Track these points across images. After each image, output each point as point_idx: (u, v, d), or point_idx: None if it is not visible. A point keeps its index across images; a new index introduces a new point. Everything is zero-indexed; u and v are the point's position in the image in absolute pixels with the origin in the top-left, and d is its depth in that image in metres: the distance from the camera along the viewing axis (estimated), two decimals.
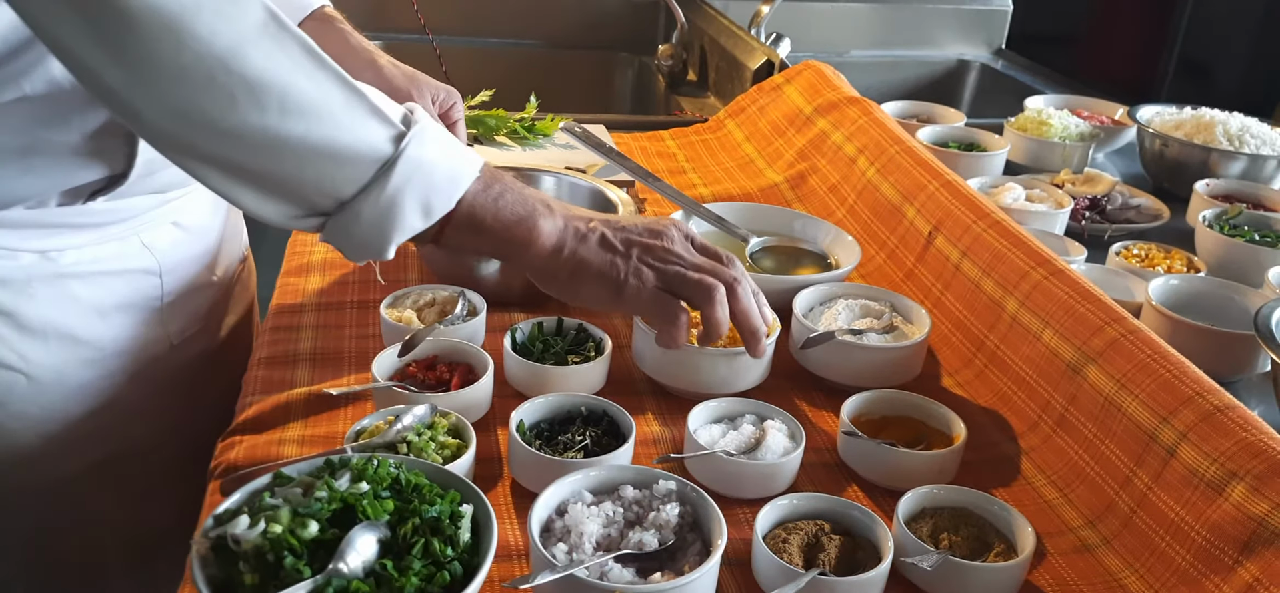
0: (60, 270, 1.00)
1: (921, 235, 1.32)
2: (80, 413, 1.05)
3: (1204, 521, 0.85)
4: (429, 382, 1.00)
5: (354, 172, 0.81)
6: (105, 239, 1.03)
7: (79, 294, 1.02)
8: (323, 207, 0.82)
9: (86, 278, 1.02)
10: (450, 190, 0.86)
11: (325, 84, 0.79)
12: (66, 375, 1.03)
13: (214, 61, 0.73)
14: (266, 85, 0.75)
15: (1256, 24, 2.93)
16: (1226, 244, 1.44)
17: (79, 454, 1.06)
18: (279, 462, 0.84)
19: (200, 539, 0.70)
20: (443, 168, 0.85)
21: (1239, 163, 1.73)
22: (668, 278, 0.93)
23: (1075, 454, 0.99)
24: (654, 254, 0.94)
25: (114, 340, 1.06)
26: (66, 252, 1.00)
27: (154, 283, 1.09)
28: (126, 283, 1.06)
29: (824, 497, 0.88)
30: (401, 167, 0.82)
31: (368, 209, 0.82)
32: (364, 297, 1.21)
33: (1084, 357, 1.02)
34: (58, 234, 0.99)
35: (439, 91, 1.24)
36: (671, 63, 2.35)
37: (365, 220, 0.82)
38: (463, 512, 0.75)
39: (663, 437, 1.01)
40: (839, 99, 1.67)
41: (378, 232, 0.83)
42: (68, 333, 1.02)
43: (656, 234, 0.95)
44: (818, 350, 1.09)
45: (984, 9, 2.71)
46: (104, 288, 1.04)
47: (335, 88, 0.79)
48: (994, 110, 2.24)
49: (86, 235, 1.01)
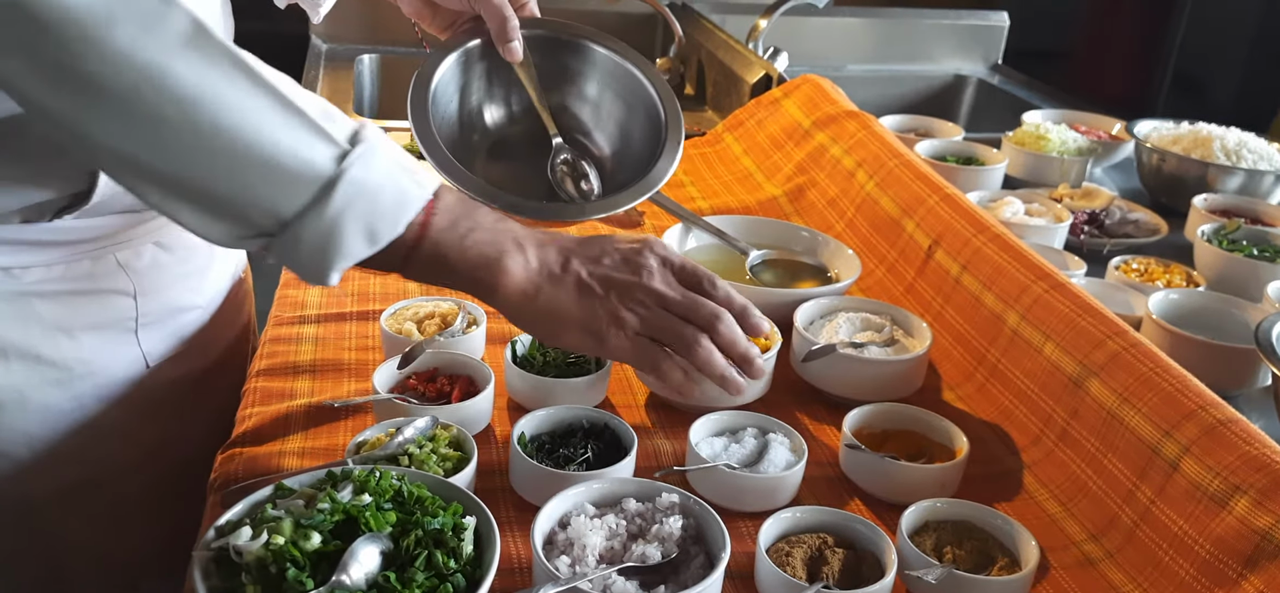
0: (23, 288, 0.97)
1: (921, 249, 1.32)
2: (46, 435, 1.02)
3: (1207, 534, 0.85)
4: (430, 394, 1.00)
5: (292, 192, 0.77)
6: (76, 257, 1.00)
7: (43, 313, 0.99)
8: (265, 227, 0.79)
9: (52, 297, 0.99)
10: (397, 215, 0.81)
11: (259, 98, 0.75)
12: (29, 396, 0.99)
13: (137, 74, 0.71)
14: (195, 100, 0.72)
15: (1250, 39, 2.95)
16: (1225, 259, 1.45)
17: (46, 477, 1.03)
18: (280, 474, 0.84)
19: (202, 551, 0.70)
20: (389, 191, 0.80)
21: (1237, 178, 1.73)
22: (649, 324, 0.88)
23: (1078, 468, 0.99)
24: (633, 296, 0.88)
25: (82, 361, 1.02)
26: (31, 269, 0.97)
27: (127, 304, 1.06)
28: (98, 303, 1.03)
29: (827, 510, 0.87)
30: (343, 188, 0.77)
31: (308, 231, 0.78)
32: (364, 308, 1.20)
33: (1086, 370, 1.02)
34: (21, 252, 0.96)
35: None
36: (669, 77, 2.36)
37: (305, 243, 0.78)
38: (466, 524, 0.75)
39: (664, 450, 1.01)
40: (838, 113, 1.67)
41: (320, 255, 0.79)
42: (30, 352, 0.98)
43: (635, 268, 0.90)
44: (819, 364, 1.09)
45: (981, 24, 2.72)
46: (71, 307, 1.01)
47: (271, 102, 0.76)
48: (991, 125, 2.25)
49: (53, 254, 0.98)
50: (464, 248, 0.85)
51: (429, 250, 0.84)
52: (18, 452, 1.01)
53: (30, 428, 1.01)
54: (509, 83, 1.23)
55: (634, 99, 1.25)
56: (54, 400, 1.02)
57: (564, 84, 1.25)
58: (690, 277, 0.92)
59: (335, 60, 2.32)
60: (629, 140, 1.24)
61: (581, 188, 1.19)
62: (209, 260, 1.18)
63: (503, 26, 1.15)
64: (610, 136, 1.26)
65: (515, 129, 1.25)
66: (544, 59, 1.22)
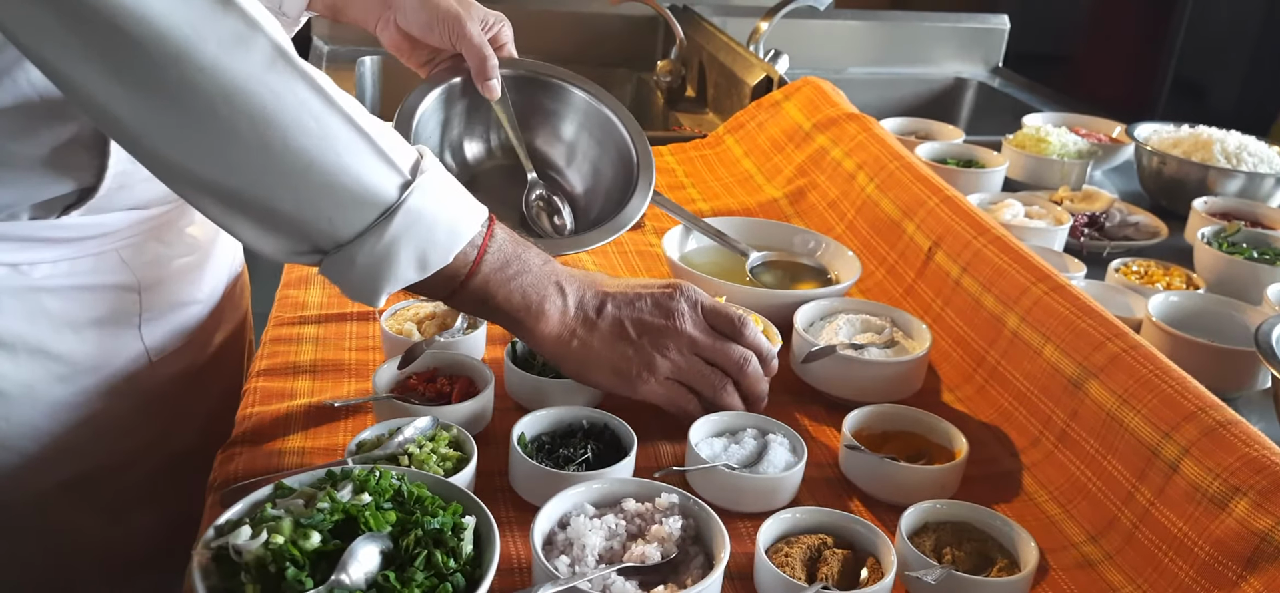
0: (32, 284, 0.98)
1: (921, 251, 1.32)
2: (52, 428, 1.03)
3: (1207, 536, 0.85)
4: (429, 394, 1.00)
5: (354, 215, 0.80)
6: (81, 254, 1.01)
7: (51, 308, 1.00)
8: (321, 245, 0.82)
9: (59, 292, 1.00)
10: (449, 245, 0.85)
11: (332, 123, 0.78)
12: (37, 390, 1.01)
13: (217, 93, 0.73)
14: (269, 121, 0.75)
15: (1251, 43, 2.95)
16: (1225, 261, 1.45)
17: (50, 471, 1.04)
18: (279, 473, 0.84)
19: (201, 550, 0.70)
20: (443, 221, 0.84)
21: (1237, 181, 1.74)
22: (679, 370, 0.96)
23: (1077, 470, 0.99)
24: (666, 341, 0.95)
25: (88, 356, 1.04)
26: (39, 266, 0.98)
27: (131, 299, 1.07)
28: (102, 298, 1.04)
29: (826, 511, 0.87)
30: (402, 216, 0.81)
31: (363, 255, 0.81)
32: (364, 308, 1.20)
33: (1085, 372, 1.02)
34: (30, 248, 0.97)
35: (489, 18, 1.22)
36: (670, 79, 2.36)
37: (359, 266, 0.81)
38: (465, 524, 0.75)
39: (664, 450, 1.01)
40: (838, 115, 1.67)
41: (371, 277, 0.82)
42: (38, 347, 1.00)
43: (667, 313, 0.96)
44: (819, 365, 1.09)
45: (981, 27, 2.72)
46: (77, 302, 1.02)
47: (343, 127, 0.79)
48: (991, 128, 2.25)
49: (61, 250, 0.99)
50: (510, 291, 0.90)
51: (478, 287, 0.88)
52: (25, 445, 1.02)
53: (37, 421, 1.02)
54: (488, 120, 1.29)
55: (607, 139, 1.30)
56: (60, 394, 1.03)
57: (540, 123, 1.32)
58: (722, 319, 0.98)
59: (337, 62, 2.32)
60: (601, 178, 1.30)
61: (554, 223, 1.25)
62: (208, 255, 1.19)
63: (482, 65, 1.20)
64: (583, 175, 1.32)
65: (492, 164, 1.31)
66: (521, 98, 1.28)
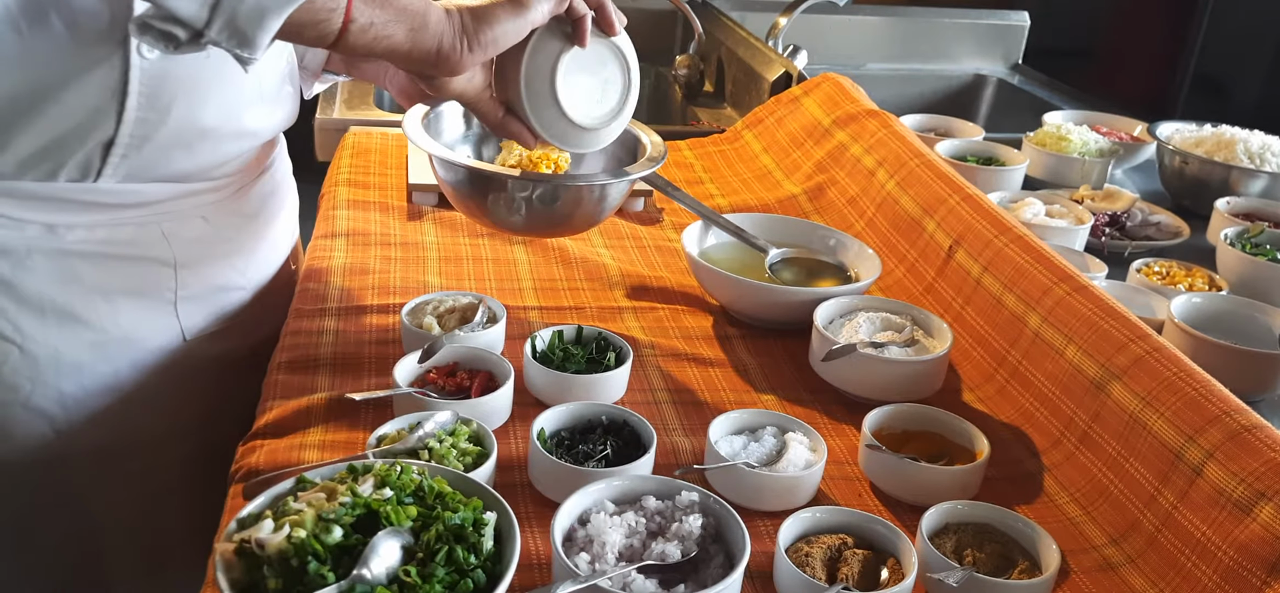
0: (64, 247, 0.99)
1: (942, 249, 1.31)
2: (77, 395, 1.04)
3: (1232, 541, 0.84)
4: (449, 389, 1.00)
5: None
6: (120, 223, 1.02)
7: (82, 273, 1.01)
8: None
9: (92, 258, 1.01)
10: None
11: None
12: (63, 353, 1.02)
13: None
14: None
15: (1273, 41, 2.92)
16: (1249, 263, 1.44)
17: (76, 437, 1.05)
18: (300, 467, 0.84)
19: (223, 543, 0.70)
20: None
21: (1260, 181, 1.72)
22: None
23: (1099, 472, 0.98)
24: None
25: (119, 326, 1.05)
26: (74, 229, 0.99)
27: (166, 274, 1.07)
28: (137, 270, 1.05)
29: (847, 511, 0.87)
30: None
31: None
32: (384, 302, 1.21)
33: (1108, 374, 1.01)
34: (65, 210, 0.98)
35: None
36: (689, 73, 2.35)
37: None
38: (486, 519, 0.74)
39: (683, 447, 1.01)
40: (858, 111, 1.66)
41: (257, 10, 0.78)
42: (67, 311, 1.01)
43: None
44: (838, 363, 1.08)
45: (1001, 24, 2.71)
46: (111, 271, 1.03)
47: None
48: (1011, 125, 2.24)
49: (97, 216, 1.00)
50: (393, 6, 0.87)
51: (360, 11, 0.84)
52: (49, 407, 1.03)
53: (63, 385, 1.03)
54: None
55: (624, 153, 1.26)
56: (88, 361, 1.04)
57: None
58: None
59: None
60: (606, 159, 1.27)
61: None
62: (257, 242, 1.18)
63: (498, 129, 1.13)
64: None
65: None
66: None
